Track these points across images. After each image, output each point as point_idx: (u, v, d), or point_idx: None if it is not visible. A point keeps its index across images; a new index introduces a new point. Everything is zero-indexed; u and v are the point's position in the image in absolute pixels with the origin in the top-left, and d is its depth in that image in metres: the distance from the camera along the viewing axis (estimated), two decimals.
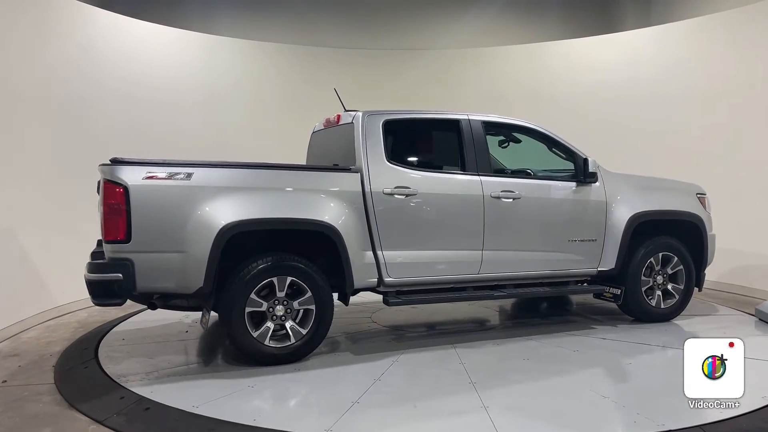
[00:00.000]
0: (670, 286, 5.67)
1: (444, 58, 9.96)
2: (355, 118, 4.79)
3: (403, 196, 4.64)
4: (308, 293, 4.30)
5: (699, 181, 6.10)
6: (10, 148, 5.89)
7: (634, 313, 5.68)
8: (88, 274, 3.94)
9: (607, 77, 9.16)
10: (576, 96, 9.31)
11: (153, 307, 4.41)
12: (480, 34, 10.45)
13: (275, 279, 4.20)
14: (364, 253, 4.51)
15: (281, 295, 4.24)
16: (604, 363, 4.49)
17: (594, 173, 5.33)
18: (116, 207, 3.84)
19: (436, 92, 9.50)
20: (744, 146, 7.61)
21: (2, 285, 5.50)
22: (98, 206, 4.20)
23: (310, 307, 4.32)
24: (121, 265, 3.85)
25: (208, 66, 8.72)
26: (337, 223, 4.34)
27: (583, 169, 5.30)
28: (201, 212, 3.99)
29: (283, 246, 4.37)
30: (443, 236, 4.82)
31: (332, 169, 4.78)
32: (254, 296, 4.15)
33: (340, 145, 4.97)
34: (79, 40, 7.09)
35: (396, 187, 4.63)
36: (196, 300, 4.21)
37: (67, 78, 6.87)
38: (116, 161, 3.94)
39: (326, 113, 5.39)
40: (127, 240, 3.85)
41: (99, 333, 5.34)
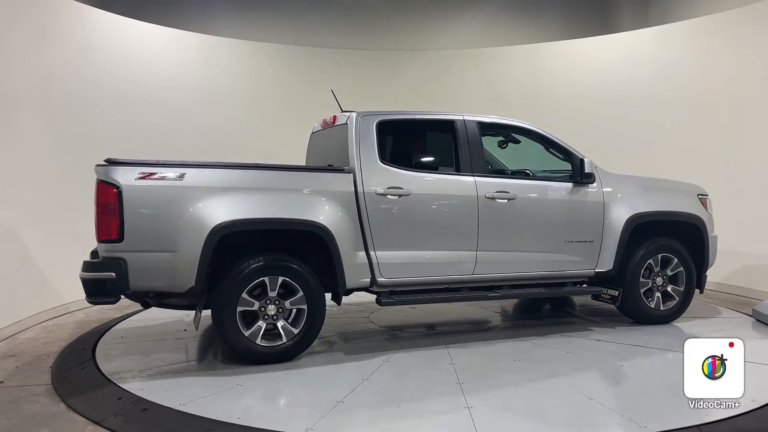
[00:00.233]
0: (669, 287, 5.69)
1: (443, 59, 10.10)
2: (349, 119, 4.90)
3: (396, 197, 4.74)
4: (300, 293, 4.41)
5: (698, 182, 6.14)
6: (9, 148, 6.01)
7: (632, 315, 5.72)
8: (83, 272, 4.09)
9: (605, 78, 9.29)
10: (575, 96, 9.44)
11: (146, 305, 4.57)
12: (479, 34, 10.59)
13: (267, 279, 4.32)
14: (357, 253, 4.62)
15: (273, 294, 4.36)
16: (596, 365, 4.53)
17: (590, 174, 5.39)
18: (109, 207, 3.99)
19: (435, 93, 9.63)
20: (742, 146, 7.70)
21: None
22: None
23: (302, 307, 4.43)
24: (114, 264, 4.00)
25: (206, 66, 8.89)
26: (328, 223, 4.45)
27: (580, 170, 5.36)
28: (193, 212, 4.13)
29: (276, 246, 4.49)
30: (437, 237, 4.90)
31: (325, 169, 4.90)
32: (246, 296, 4.27)
33: (336, 146, 5.07)
34: (78, 41, 7.26)
35: (389, 188, 4.73)
36: (188, 299, 4.33)
37: (65, 78, 7.02)
38: (111, 162, 4.09)
39: (324, 114, 5.49)
40: (120, 239, 4.00)
41: (96, 333, 5.43)
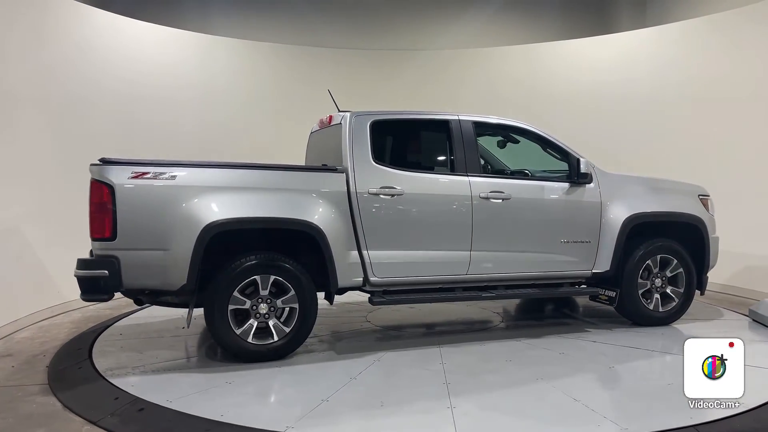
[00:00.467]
0: (669, 289, 5.74)
1: (442, 59, 10.28)
2: (343, 119, 5.04)
3: (389, 197, 4.87)
4: (291, 292, 4.54)
5: (696, 181, 6.19)
6: (7, 148, 6.17)
7: (630, 317, 5.77)
8: (77, 270, 4.26)
9: (603, 78, 9.45)
10: (573, 96, 9.59)
11: (139, 303, 4.75)
12: (478, 34, 10.78)
13: (258, 277, 4.46)
14: (349, 252, 4.75)
15: (265, 293, 4.49)
16: (586, 366, 4.58)
17: (586, 174, 5.45)
18: (103, 206, 4.16)
19: (433, 93, 9.79)
20: (740, 146, 7.81)
21: None
22: None
23: (294, 306, 4.56)
24: (107, 262, 4.16)
25: (205, 65, 9.09)
26: (320, 223, 4.58)
27: (576, 170, 5.42)
28: (185, 211, 4.28)
29: (269, 245, 4.63)
30: (430, 236, 5.01)
31: (318, 169, 5.05)
32: (237, 294, 4.41)
33: (332, 146, 5.19)
34: (77, 40, 7.46)
35: (381, 187, 4.85)
36: (181, 297, 4.48)
37: (64, 77, 7.22)
38: (104, 161, 4.25)
39: (322, 114, 5.62)
40: (112, 238, 4.17)
41: (93, 333, 5.53)
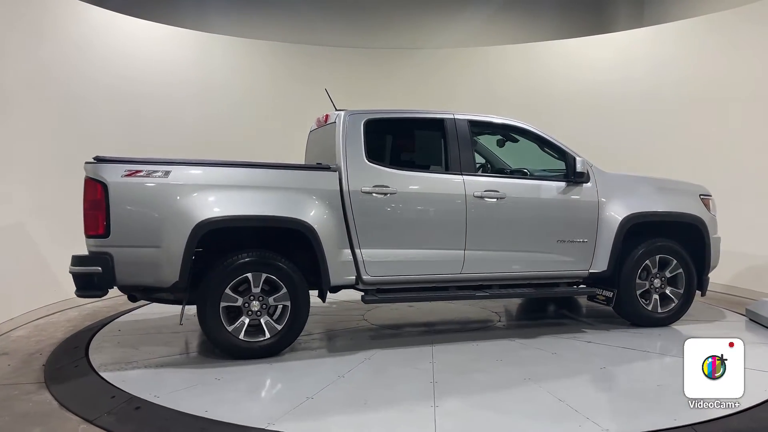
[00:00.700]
0: (668, 290, 5.81)
1: (439, 58, 10.43)
2: (337, 118, 5.17)
3: (382, 195, 5.00)
4: (283, 290, 4.68)
5: (695, 181, 6.25)
6: (4, 146, 6.31)
7: (628, 317, 5.85)
8: (71, 266, 4.43)
9: (601, 77, 9.59)
10: (571, 95, 9.72)
11: (133, 299, 4.92)
12: (476, 33, 10.92)
13: (250, 275, 4.60)
14: (342, 251, 4.88)
15: (257, 290, 4.64)
16: (577, 367, 4.64)
17: (583, 173, 5.53)
18: (96, 203, 4.33)
19: (431, 91, 9.93)
20: (738, 146, 7.91)
21: None
22: None
23: (286, 304, 4.70)
24: (100, 259, 4.33)
25: (203, 63, 9.25)
26: (313, 221, 4.72)
27: (573, 169, 5.51)
28: (178, 209, 4.44)
29: (262, 243, 4.78)
30: (423, 235, 5.13)
31: (311, 167, 5.20)
32: (229, 291, 4.56)
33: (328, 145, 5.32)
34: (74, 38, 7.61)
35: (374, 186, 4.98)
36: (173, 294, 4.64)
37: (62, 75, 7.37)
38: (99, 159, 4.43)
39: (320, 112, 5.74)
40: (106, 234, 4.34)
41: (89, 331, 5.62)
